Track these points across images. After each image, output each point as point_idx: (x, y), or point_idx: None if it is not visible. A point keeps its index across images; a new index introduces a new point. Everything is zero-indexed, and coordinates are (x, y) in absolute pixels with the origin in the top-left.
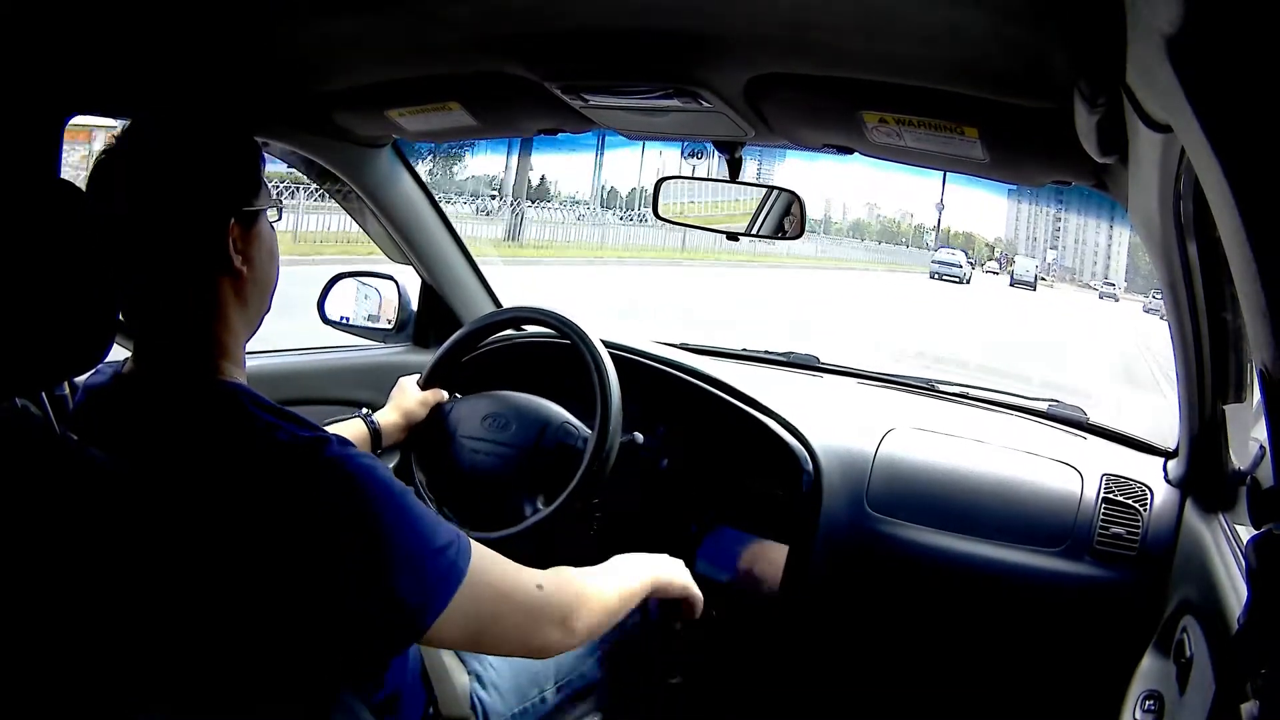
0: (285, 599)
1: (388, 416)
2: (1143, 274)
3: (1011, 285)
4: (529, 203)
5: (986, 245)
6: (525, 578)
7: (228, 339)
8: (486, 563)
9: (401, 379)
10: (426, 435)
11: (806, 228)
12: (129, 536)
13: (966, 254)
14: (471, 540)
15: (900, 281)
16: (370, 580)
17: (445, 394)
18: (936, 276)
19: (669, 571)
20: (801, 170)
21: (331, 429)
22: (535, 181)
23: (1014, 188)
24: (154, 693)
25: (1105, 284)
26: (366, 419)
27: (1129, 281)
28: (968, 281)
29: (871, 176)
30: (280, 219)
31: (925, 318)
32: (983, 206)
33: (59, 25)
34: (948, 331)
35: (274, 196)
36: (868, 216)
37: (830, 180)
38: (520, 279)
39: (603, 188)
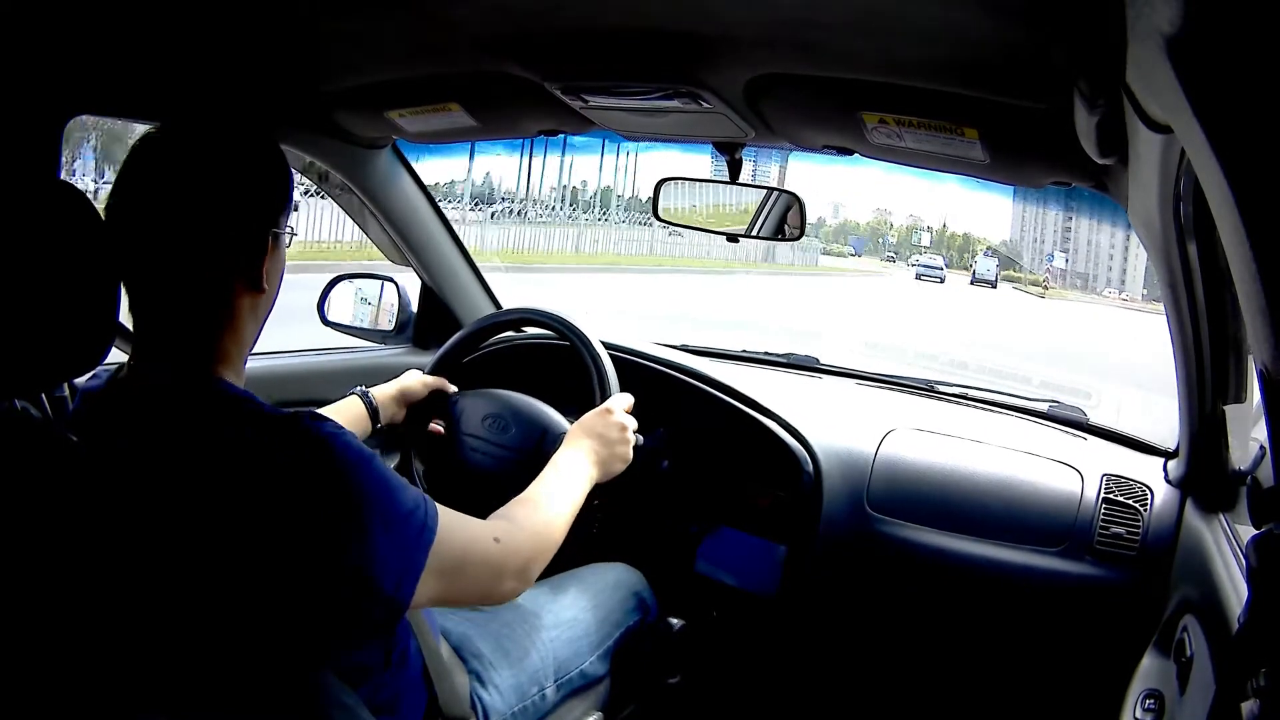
0: (276, 575)
1: (385, 391)
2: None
3: (972, 284)
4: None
5: (988, 249)
6: (484, 533)
7: (233, 350)
8: (451, 522)
9: (410, 370)
10: (428, 424)
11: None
12: (126, 532)
13: (945, 259)
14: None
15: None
16: (352, 544)
17: (450, 387)
18: (920, 277)
19: (603, 459)
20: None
21: (329, 408)
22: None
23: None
24: (154, 690)
25: None
26: (363, 395)
27: (1147, 289)
28: (943, 281)
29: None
30: (289, 244)
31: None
32: (984, 206)
33: (60, 26)
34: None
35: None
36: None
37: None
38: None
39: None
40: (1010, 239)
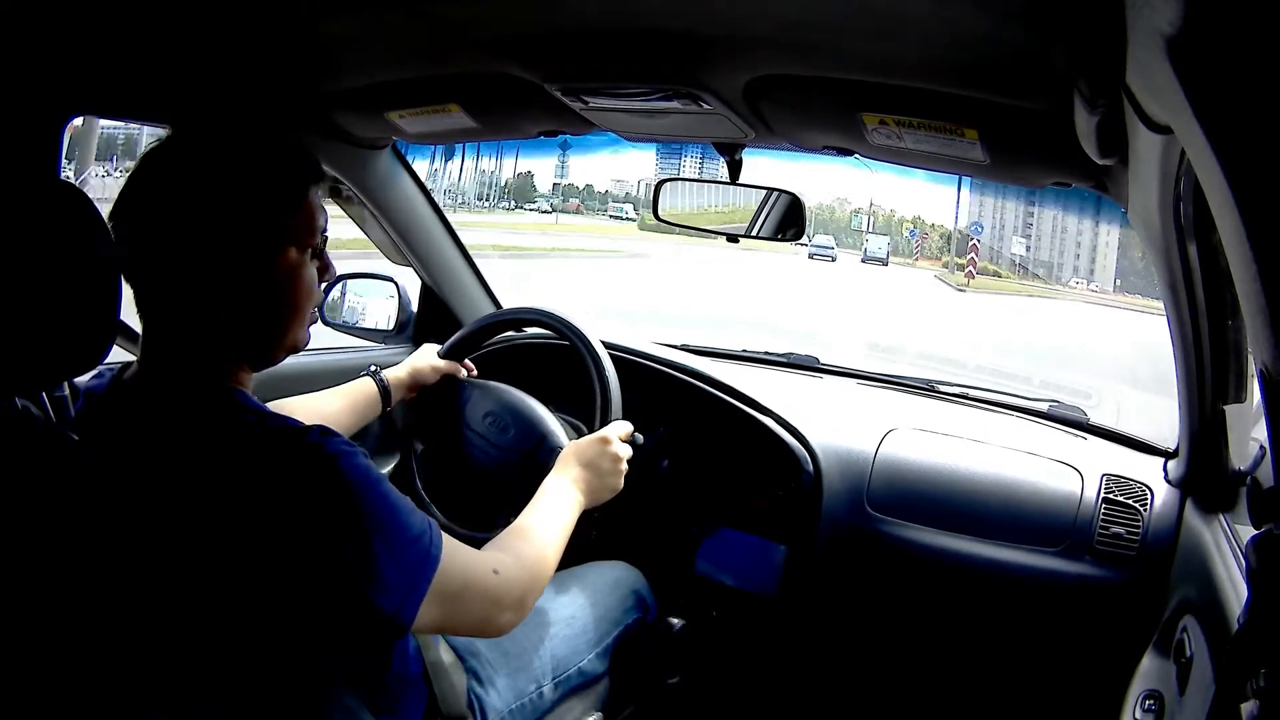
0: (279, 585)
1: (397, 374)
2: (1137, 271)
3: (864, 262)
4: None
5: (913, 227)
6: (484, 565)
7: (239, 358)
8: (453, 551)
9: (425, 344)
10: (434, 407)
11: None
12: (126, 533)
13: (837, 240)
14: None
15: None
16: (356, 562)
17: (462, 370)
18: (812, 256)
19: (593, 489)
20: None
21: (342, 388)
22: None
23: None
24: (154, 691)
25: None
26: (375, 376)
27: (1121, 280)
28: (834, 260)
29: None
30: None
31: None
32: (938, 185)
33: (60, 26)
34: None
35: (324, 232)
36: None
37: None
38: None
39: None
40: (970, 222)
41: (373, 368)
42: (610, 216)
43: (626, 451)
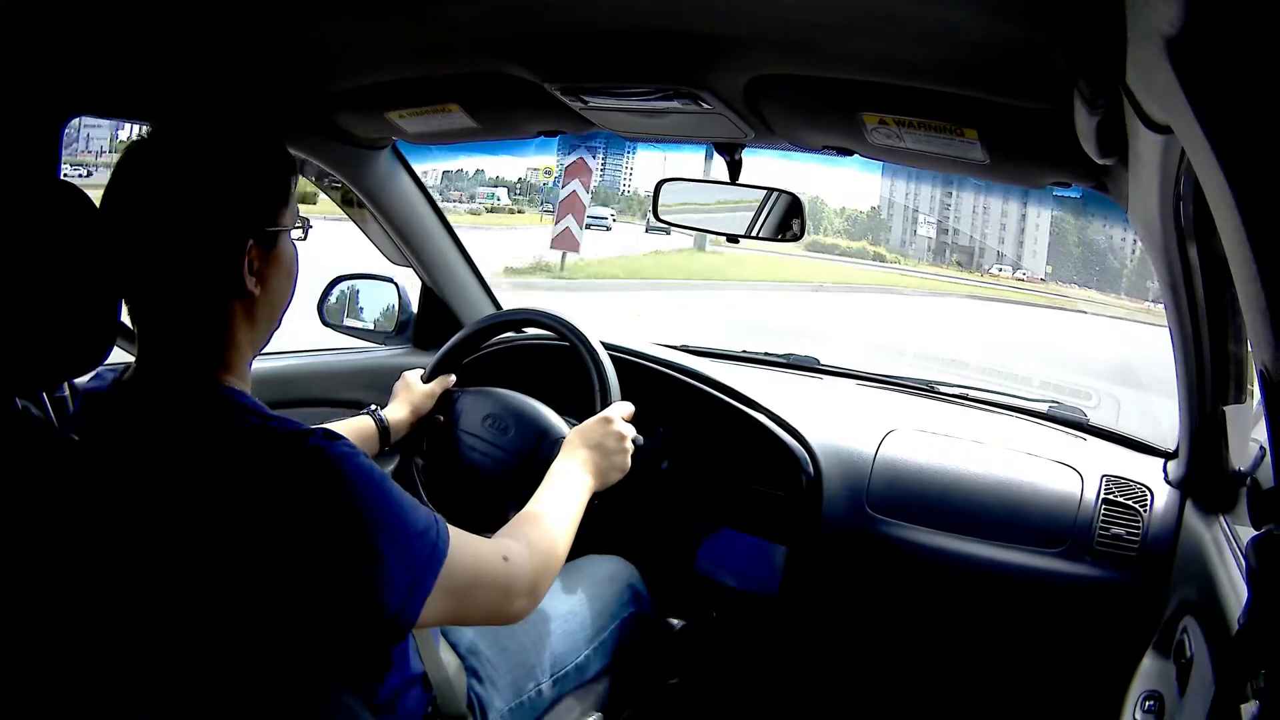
0: (281, 589)
1: (396, 412)
2: (1073, 259)
3: (588, 228)
4: None
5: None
6: (494, 552)
7: (232, 355)
8: (461, 542)
9: (405, 374)
10: (430, 423)
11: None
12: (126, 534)
13: (613, 212)
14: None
15: None
16: (361, 564)
17: (452, 380)
18: (588, 226)
19: (601, 470)
20: None
21: (339, 426)
22: None
23: None
24: (154, 692)
25: None
26: (374, 415)
27: (1053, 266)
28: (609, 229)
29: None
30: (305, 238)
31: None
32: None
33: (60, 26)
34: None
35: (299, 215)
36: None
37: None
38: None
39: None
40: (876, 205)
41: (373, 407)
42: (479, 201)
43: (630, 430)
